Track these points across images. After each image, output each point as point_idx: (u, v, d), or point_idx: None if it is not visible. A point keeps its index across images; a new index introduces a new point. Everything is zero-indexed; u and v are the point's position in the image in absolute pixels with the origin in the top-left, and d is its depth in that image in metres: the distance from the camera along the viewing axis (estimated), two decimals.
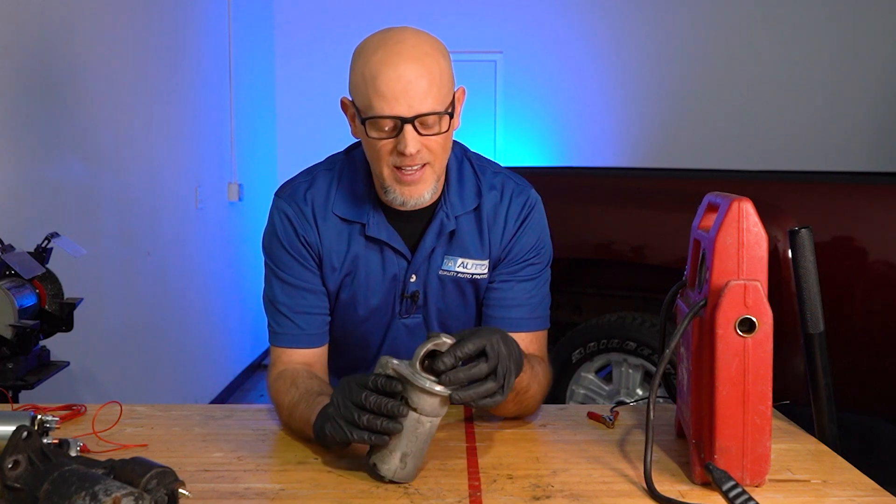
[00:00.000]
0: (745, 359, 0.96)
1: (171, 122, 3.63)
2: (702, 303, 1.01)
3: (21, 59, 2.37)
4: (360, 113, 1.18)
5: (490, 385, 1.00)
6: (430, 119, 1.16)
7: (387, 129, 1.16)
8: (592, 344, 2.80)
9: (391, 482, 1.01)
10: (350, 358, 1.43)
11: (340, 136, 5.55)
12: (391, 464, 1.00)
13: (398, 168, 1.19)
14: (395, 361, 1.00)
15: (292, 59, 5.51)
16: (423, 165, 1.19)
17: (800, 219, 2.44)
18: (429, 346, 0.99)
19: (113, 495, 0.74)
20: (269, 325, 1.33)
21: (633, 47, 5.39)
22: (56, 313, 1.99)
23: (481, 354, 1.01)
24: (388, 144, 1.17)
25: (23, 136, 2.38)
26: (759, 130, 5.33)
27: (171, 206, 3.62)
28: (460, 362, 0.99)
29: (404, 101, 1.13)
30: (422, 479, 1.03)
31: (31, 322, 1.87)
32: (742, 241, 0.98)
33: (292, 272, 1.29)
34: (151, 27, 3.40)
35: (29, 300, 1.91)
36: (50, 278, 2.00)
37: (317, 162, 1.37)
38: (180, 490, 0.81)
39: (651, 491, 0.99)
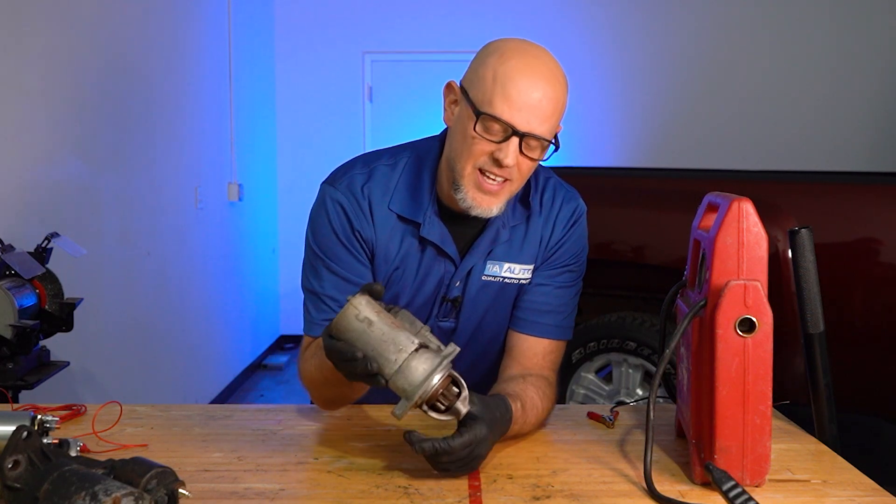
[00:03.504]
0: (745, 359, 0.96)
1: (171, 122, 3.63)
2: (702, 303, 1.01)
3: (21, 59, 2.37)
4: (474, 105, 1.15)
5: (444, 464, 1.01)
6: (536, 143, 1.15)
7: (496, 132, 1.14)
8: (592, 344, 2.80)
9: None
10: None
11: (340, 136, 5.56)
12: (363, 308, 0.99)
13: (482, 173, 1.17)
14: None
15: (292, 59, 5.51)
16: (505, 181, 1.18)
17: (800, 219, 2.44)
18: (465, 391, 1.00)
19: (113, 495, 0.74)
20: (308, 313, 1.29)
21: (634, 47, 5.39)
22: (56, 313, 1.99)
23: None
24: (486, 147, 1.15)
25: (23, 136, 2.38)
26: (759, 130, 5.33)
27: (171, 206, 3.62)
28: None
29: (526, 115, 1.12)
30: (422, 479, 1.03)
31: (31, 322, 1.87)
32: (742, 241, 0.98)
33: (345, 265, 1.27)
34: (151, 27, 3.40)
35: (29, 300, 1.91)
36: (50, 278, 2.00)
37: (374, 150, 1.34)
38: (180, 490, 0.81)
39: (651, 491, 0.99)
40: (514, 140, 1.13)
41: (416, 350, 0.97)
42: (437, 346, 1.02)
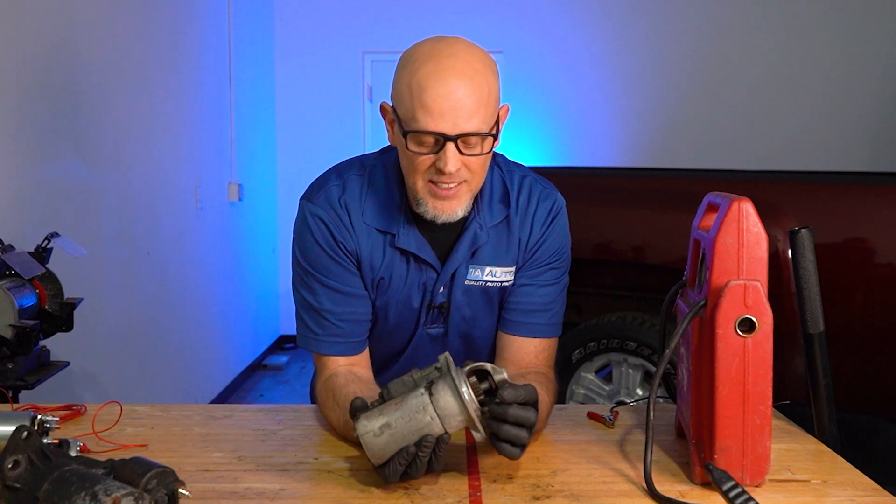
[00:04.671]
0: (745, 359, 0.96)
1: (171, 122, 3.63)
2: (702, 303, 1.01)
3: (21, 59, 2.37)
4: (401, 124, 1.15)
5: (524, 434, 0.98)
6: (473, 139, 1.13)
7: (428, 144, 1.13)
8: (592, 344, 2.80)
9: (357, 441, 1.00)
10: (373, 365, 1.40)
11: (340, 136, 5.56)
12: (370, 424, 0.97)
13: (433, 183, 1.16)
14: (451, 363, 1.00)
15: (292, 59, 5.51)
16: (460, 183, 1.17)
17: (800, 219, 2.44)
18: (487, 367, 0.99)
19: (113, 495, 0.74)
20: (308, 329, 1.28)
21: (634, 47, 5.39)
22: (56, 313, 1.99)
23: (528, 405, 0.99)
24: (427, 159, 1.14)
25: (23, 136, 2.38)
26: (759, 130, 5.33)
27: (171, 206, 3.62)
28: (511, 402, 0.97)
29: (450, 119, 1.10)
30: (422, 479, 1.02)
31: (31, 322, 1.87)
32: (742, 241, 0.98)
33: (338, 278, 1.26)
34: (151, 27, 3.40)
35: (29, 300, 1.91)
36: (50, 278, 2.00)
37: (347, 160, 1.34)
38: (180, 490, 0.81)
39: (651, 491, 0.99)
40: (450, 146, 1.11)
41: (431, 395, 0.97)
42: (431, 370, 1.01)
